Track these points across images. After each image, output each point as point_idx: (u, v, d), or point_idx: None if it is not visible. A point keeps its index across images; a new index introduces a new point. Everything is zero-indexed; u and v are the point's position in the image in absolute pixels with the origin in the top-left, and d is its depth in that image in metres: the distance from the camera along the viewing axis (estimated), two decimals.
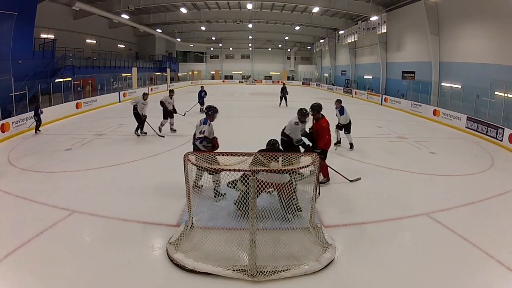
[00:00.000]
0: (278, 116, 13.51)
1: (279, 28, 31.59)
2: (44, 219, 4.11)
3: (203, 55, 40.90)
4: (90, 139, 8.76)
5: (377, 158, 7.32)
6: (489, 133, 9.91)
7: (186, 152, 3.49)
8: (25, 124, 9.80)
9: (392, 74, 21.29)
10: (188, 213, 3.76)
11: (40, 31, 16.67)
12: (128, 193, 5.08)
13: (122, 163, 6.66)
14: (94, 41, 23.83)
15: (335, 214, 4.46)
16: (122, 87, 21.34)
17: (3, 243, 3.53)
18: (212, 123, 5.18)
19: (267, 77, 40.45)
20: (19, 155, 7.30)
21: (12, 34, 11.84)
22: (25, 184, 5.43)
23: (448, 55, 15.21)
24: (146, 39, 32.39)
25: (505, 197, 5.28)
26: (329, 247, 3.43)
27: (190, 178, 3.50)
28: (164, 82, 28.99)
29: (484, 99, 11.63)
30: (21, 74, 12.00)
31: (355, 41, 24.53)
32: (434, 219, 4.35)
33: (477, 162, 7.41)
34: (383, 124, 11.68)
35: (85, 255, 3.40)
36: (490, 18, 12.14)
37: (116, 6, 20.10)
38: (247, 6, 23.31)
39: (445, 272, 3.20)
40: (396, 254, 3.55)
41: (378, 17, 19.16)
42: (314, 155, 3.51)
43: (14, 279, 3.01)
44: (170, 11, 25.79)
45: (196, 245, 3.46)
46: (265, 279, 3.00)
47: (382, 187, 5.59)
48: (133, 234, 3.86)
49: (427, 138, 9.97)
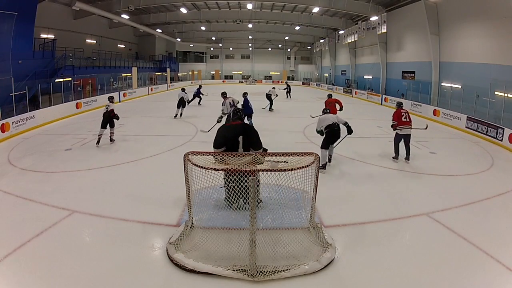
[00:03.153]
0: (279, 116, 13.55)
1: (279, 28, 31.58)
2: (44, 219, 4.11)
3: (203, 55, 40.89)
4: (90, 139, 8.76)
5: (377, 158, 7.32)
6: (489, 133, 9.91)
7: (186, 152, 3.49)
8: (25, 124, 9.81)
9: (392, 74, 21.29)
10: (188, 213, 3.76)
11: (40, 31, 16.67)
12: (128, 193, 5.08)
13: (122, 163, 6.66)
14: (94, 41, 23.83)
15: (335, 214, 4.46)
16: (122, 87, 21.36)
17: (3, 243, 3.54)
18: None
19: (267, 77, 40.44)
20: (19, 155, 7.30)
21: (12, 34, 11.84)
22: (25, 184, 5.43)
23: (448, 55, 15.22)
24: (146, 39, 32.40)
25: (505, 197, 5.28)
26: (329, 247, 3.43)
27: (190, 178, 3.50)
28: (164, 82, 28.99)
29: (484, 99, 11.63)
30: (21, 74, 12.00)
31: (355, 41, 24.54)
32: (434, 219, 4.35)
33: (477, 162, 7.41)
34: (383, 124, 11.65)
35: (85, 255, 3.40)
36: (490, 18, 12.14)
37: (116, 6, 20.10)
38: (247, 6, 23.32)
39: (445, 272, 3.20)
40: (396, 254, 3.55)
41: (378, 17, 19.17)
42: (314, 155, 3.50)
43: (14, 279, 3.01)
44: (170, 11, 25.80)
45: (196, 245, 3.46)
46: (265, 279, 3.00)
47: (382, 187, 5.58)
48: (133, 234, 3.86)
49: (427, 138, 9.97)
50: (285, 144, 8.40)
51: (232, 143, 4.17)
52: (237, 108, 4.52)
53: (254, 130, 4.38)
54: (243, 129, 4.30)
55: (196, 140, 8.90)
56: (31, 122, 10.26)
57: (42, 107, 11.56)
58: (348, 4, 19.81)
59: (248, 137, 4.22)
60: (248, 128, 4.40)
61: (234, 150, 4.09)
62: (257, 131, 4.40)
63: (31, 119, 10.26)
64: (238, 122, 4.43)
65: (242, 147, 4.21)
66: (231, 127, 4.40)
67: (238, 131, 4.23)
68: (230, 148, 4.15)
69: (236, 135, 4.20)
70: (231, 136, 4.21)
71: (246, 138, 4.21)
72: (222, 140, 4.19)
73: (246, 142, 4.21)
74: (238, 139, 4.19)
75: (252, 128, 4.43)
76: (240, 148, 4.20)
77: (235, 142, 4.18)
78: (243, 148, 4.21)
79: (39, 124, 10.65)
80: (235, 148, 4.17)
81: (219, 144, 4.18)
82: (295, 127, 10.86)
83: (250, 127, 4.42)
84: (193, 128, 10.53)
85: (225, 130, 4.36)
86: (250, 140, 4.22)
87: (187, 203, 3.68)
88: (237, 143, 4.19)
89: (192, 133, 9.71)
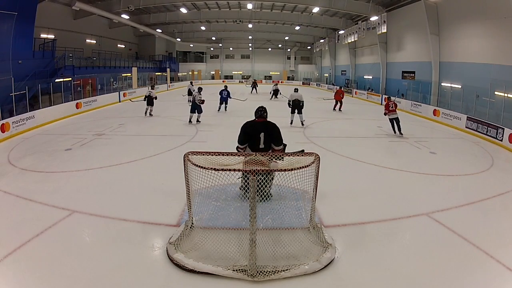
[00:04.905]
0: (278, 116, 13.53)
1: (279, 28, 31.58)
2: (44, 219, 4.10)
3: (203, 55, 40.87)
4: (90, 139, 8.77)
5: (377, 158, 7.32)
6: (489, 133, 9.91)
7: (186, 152, 3.49)
8: (25, 124, 9.82)
9: (392, 74, 21.29)
10: (188, 213, 3.76)
11: (40, 31, 16.66)
12: (128, 193, 5.08)
13: (122, 163, 6.65)
14: (94, 41, 23.82)
15: (335, 214, 4.45)
16: (122, 87, 21.33)
17: (3, 243, 3.53)
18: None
19: (267, 77, 40.44)
20: (19, 155, 7.30)
21: (12, 34, 11.83)
22: (25, 184, 5.43)
23: (448, 55, 15.22)
24: (146, 39, 32.38)
25: (505, 197, 5.28)
26: (329, 247, 3.43)
27: (190, 178, 3.50)
28: (164, 82, 28.98)
29: (484, 99, 11.64)
30: (21, 74, 11.99)
31: (355, 41, 24.53)
32: (434, 219, 4.35)
33: (477, 162, 7.42)
34: (383, 124, 11.66)
35: (85, 255, 3.40)
36: (490, 18, 12.14)
37: (116, 6, 20.09)
38: (247, 6, 23.31)
39: (445, 272, 3.20)
40: (396, 254, 3.55)
41: (378, 17, 19.16)
42: (314, 155, 3.50)
43: (14, 279, 3.01)
44: (170, 11, 25.79)
45: (196, 245, 3.46)
46: (265, 279, 3.00)
47: (382, 187, 5.59)
48: (133, 234, 3.85)
49: (427, 138, 9.98)
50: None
51: (254, 140, 4.44)
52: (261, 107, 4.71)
53: (276, 128, 4.55)
54: (264, 126, 4.52)
55: (196, 140, 8.90)
56: (31, 122, 10.26)
57: (42, 107, 11.56)
58: (348, 4, 19.81)
59: (269, 134, 4.46)
60: (270, 125, 4.57)
61: (255, 146, 4.42)
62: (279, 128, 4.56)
63: (31, 119, 10.26)
64: (261, 119, 4.61)
65: (263, 143, 4.44)
66: (254, 124, 4.58)
67: (259, 128, 4.47)
68: (252, 144, 4.46)
69: (258, 132, 4.45)
70: (252, 133, 4.46)
71: (268, 135, 4.45)
72: (245, 137, 4.49)
73: (268, 138, 4.45)
74: (259, 135, 4.43)
75: (274, 125, 4.58)
76: (261, 144, 4.44)
77: (256, 139, 4.43)
78: (264, 144, 4.45)
79: (39, 124, 10.65)
80: (256, 144, 4.43)
81: (242, 141, 4.49)
82: (295, 127, 10.86)
83: (272, 124, 4.60)
84: (193, 128, 10.54)
85: (247, 127, 4.56)
86: (271, 137, 4.46)
87: (187, 203, 3.68)
88: (259, 139, 4.43)
89: (192, 133, 9.71)
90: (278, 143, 4.47)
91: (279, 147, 4.47)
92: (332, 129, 11.23)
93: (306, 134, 9.90)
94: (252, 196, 3.07)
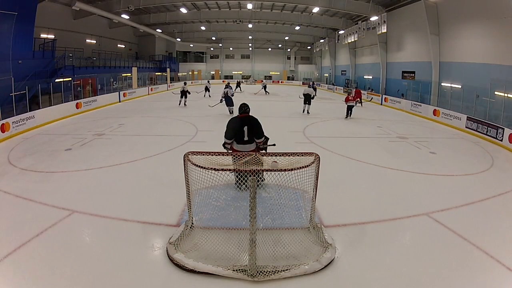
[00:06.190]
0: (278, 116, 13.54)
1: (279, 28, 31.56)
2: (44, 219, 4.10)
3: (203, 55, 40.86)
4: (90, 139, 8.77)
5: (377, 158, 7.32)
6: (489, 133, 9.91)
7: (186, 152, 3.49)
8: (25, 124, 9.82)
9: (392, 74, 21.28)
10: (188, 213, 3.76)
11: (40, 31, 16.65)
12: (128, 193, 5.08)
13: (122, 163, 6.66)
14: (94, 41, 23.81)
15: (335, 214, 4.45)
16: (122, 87, 21.33)
17: (3, 243, 3.54)
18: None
19: (267, 77, 40.44)
20: (19, 155, 7.30)
21: (12, 34, 11.83)
22: (25, 184, 5.43)
23: (448, 55, 15.21)
24: (146, 39, 32.36)
25: (505, 197, 5.28)
26: (329, 247, 3.43)
27: (190, 178, 3.50)
28: (164, 82, 28.98)
29: (484, 99, 11.63)
30: (21, 74, 11.98)
31: (355, 41, 24.51)
32: (434, 219, 4.35)
33: (477, 162, 7.41)
34: (383, 124, 11.68)
35: (85, 255, 3.40)
36: (490, 18, 12.14)
37: (116, 6, 20.07)
38: (247, 6, 23.29)
39: (445, 272, 3.20)
40: (396, 254, 3.55)
41: (378, 17, 19.15)
42: (314, 155, 3.50)
43: (14, 279, 3.01)
44: (170, 11, 25.78)
45: (196, 245, 3.46)
46: (265, 279, 3.00)
47: (382, 187, 5.59)
48: (133, 234, 3.85)
49: (427, 138, 9.98)
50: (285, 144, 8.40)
51: (239, 133, 4.84)
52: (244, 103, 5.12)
53: (258, 121, 4.96)
54: (247, 120, 4.94)
55: (196, 140, 8.90)
56: (31, 122, 10.27)
57: (42, 107, 11.56)
58: (348, 4, 19.80)
59: (251, 127, 4.86)
60: (252, 119, 4.97)
61: (240, 139, 4.85)
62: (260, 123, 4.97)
63: (31, 119, 10.27)
64: (244, 115, 5.03)
65: (247, 135, 4.86)
66: (238, 119, 4.99)
67: (243, 123, 4.89)
68: (238, 137, 4.86)
69: (242, 126, 4.85)
70: (237, 127, 4.86)
71: (250, 128, 4.86)
72: (232, 132, 4.88)
73: (250, 131, 4.87)
74: (243, 129, 4.84)
75: (256, 120, 4.98)
76: (245, 137, 4.86)
77: (241, 132, 4.84)
78: (248, 137, 4.87)
79: (39, 124, 10.66)
80: (241, 137, 4.85)
81: (230, 136, 4.88)
82: (295, 127, 10.86)
83: (254, 119, 4.99)
84: (193, 128, 10.53)
85: (233, 122, 4.95)
86: (253, 130, 4.87)
87: (187, 203, 3.68)
88: (243, 133, 4.84)
89: (192, 133, 9.71)
90: (259, 136, 4.91)
91: (260, 140, 4.92)
92: (332, 129, 11.23)
93: (306, 134, 9.90)
94: (252, 196, 3.07)
